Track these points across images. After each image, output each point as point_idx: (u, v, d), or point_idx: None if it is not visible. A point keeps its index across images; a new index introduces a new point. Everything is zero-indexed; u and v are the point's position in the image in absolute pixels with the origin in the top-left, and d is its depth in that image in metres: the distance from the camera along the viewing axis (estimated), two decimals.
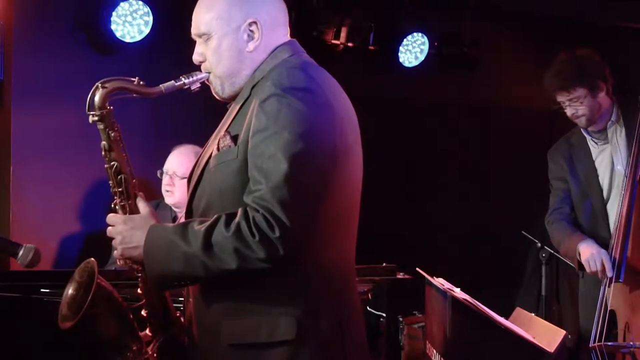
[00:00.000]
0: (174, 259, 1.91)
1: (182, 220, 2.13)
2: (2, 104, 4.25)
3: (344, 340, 2.00)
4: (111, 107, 2.03)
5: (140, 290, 2.12)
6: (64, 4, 4.39)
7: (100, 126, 2.03)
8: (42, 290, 3.03)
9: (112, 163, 2.06)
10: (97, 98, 2.01)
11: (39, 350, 2.92)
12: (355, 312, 2.10)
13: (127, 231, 2.01)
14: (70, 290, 2.17)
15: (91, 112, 2.02)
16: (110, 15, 4.23)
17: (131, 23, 4.32)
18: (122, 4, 4.25)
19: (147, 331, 2.15)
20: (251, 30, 2.05)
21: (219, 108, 2.28)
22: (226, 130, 2.03)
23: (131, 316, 2.17)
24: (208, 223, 1.89)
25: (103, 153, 2.06)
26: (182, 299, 2.22)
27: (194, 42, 2.23)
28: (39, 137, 4.31)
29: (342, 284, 2.05)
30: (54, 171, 4.36)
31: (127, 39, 4.32)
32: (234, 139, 1.99)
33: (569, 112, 3.57)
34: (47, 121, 4.30)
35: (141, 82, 2.04)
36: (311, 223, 1.89)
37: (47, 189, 4.35)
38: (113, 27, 4.25)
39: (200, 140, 2.30)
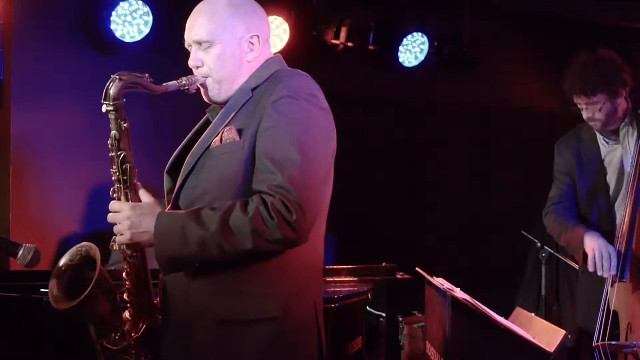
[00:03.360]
0: (189, 242, 2.01)
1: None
2: (2, 104, 4.24)
3: (318, 320, 2.19)
4: (124, 100, 2.12)
5: (127, 275, 2.19)
6: (64, 4, 4.39)
7: (112, 116, 2.11)
8: (42, 290, 3.03)
9: (120, 152, 2.13)
10: (113, 89, 2.10)
11: (39, 350, 2.92)
12: (322, 296, 2.27)
13: (136, 217, 2.09)
14: (61, 269, 2.24)
15: (106, 102, 2.10)
16: (110, 15, 4.24)
17: (131, 23, 4.32)
18: (122, 4, 4.25)
19: (128, 315, 2.22)
20: (251, 43, 2.22)
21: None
22: (229, 125, 2.14)
23: (119, 298, 2.23)
24: (223, 209, 2.01)
25: (111, 142, 2.13)
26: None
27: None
28: (39, 137, 4.31)
29: (317, 270, 2.24)
30: (54, 171, 4.36)
31: (127, 39, 4.33)
32: (239, 132, 2.11)
33: (585, 115, 3.55)
34: (47, 121, 4.29)
35: (150, 80, 2.15)
36: (319, 211, 2.10)
37: (47, 189, 4.35)
38: (113, 27, 4.26)
39: None
